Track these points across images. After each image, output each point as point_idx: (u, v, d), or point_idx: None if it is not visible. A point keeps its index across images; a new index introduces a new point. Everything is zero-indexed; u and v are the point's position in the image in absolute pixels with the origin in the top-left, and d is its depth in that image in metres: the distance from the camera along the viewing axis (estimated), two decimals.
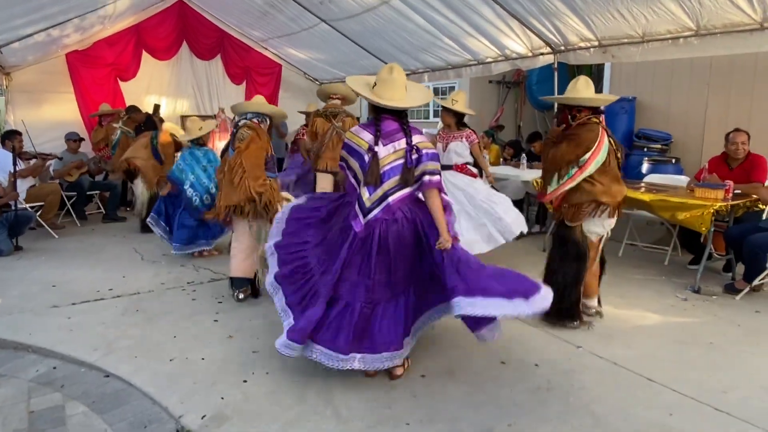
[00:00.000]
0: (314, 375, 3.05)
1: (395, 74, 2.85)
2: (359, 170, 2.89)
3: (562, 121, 3.61)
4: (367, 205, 2.84)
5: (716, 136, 5.78)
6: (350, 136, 2.94)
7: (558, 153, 3.49)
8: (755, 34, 4.38)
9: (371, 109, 2.97)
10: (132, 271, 5.06)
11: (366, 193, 2.84)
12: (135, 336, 3.61)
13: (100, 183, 7.69)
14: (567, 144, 3.45)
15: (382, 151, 2.81)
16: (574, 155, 3.43)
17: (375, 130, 2.83)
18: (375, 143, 2.80)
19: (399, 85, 2.85)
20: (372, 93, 2.86)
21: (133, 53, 8.79)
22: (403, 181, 2.83)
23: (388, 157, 2.82)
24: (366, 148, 2.84)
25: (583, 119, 3.48)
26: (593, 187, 3.48)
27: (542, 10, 5.41)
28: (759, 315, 3.98)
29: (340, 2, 6.84)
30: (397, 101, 2.84)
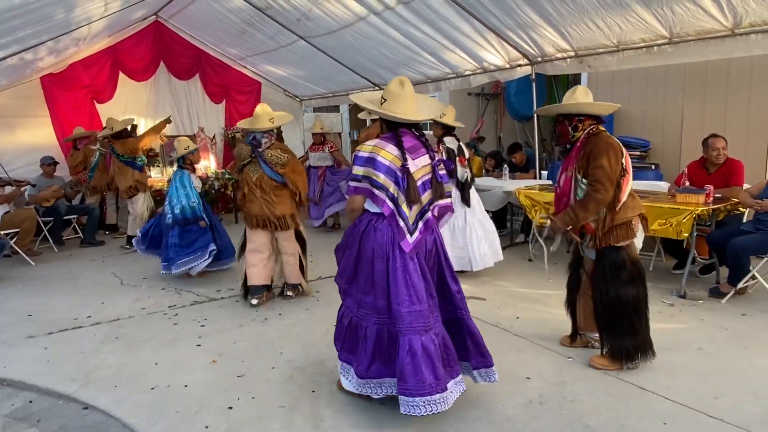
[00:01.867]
0: (301, 399, 2.97)
1: (407, 87, 2.69)
2: (394, 187, 2.63)
3: (561, 132, 3.27)
4: (411, 222, 2.64)
5: (693, 141, 5.87)
6: (377, 150, 2.62)
7: (607, 172, 3.01)
8: (727, 41, 4.46)
9: (386, 125, 2.77)
10: (111, 297, 4.93)
11: (408, 210, 2.64)
12: (114, 365, 3.49)
13: (77, 207, 7.53)
14: (606, 159, 3.01)
15: (411, 166, 2.63)
16: (620, 166, 3.06)
17: (398, 144, 2.64)
18: (404, 159, 2.61)
19: (411, 98, 2.71)
20: (385, 108, 2.68)
21: (110, 75, 8.67)
22: (438, 196, 2.73)
23: (418, 173, 2.66)
24: (399, 165, 2.61)
25: (591, 129, 3.16)
26: (633, 198, 3.18)
27: (518, 23, 5.47)
28: (745, 318, 3.99)
29: (318, 19, 6.84)
30: (413, 114, 2.69)
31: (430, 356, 2.55)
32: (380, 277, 2.63)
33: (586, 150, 3.12)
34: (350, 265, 2.75)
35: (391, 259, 2.61)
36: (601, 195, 3.02)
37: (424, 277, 2.64)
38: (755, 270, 4.18)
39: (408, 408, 2.52)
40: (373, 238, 2.65)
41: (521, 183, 6.27)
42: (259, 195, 4.38)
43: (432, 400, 2.52)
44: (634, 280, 3.12)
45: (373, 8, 6.09)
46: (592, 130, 3.17)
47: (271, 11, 7.13)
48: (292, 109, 10.74)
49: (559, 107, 3.28)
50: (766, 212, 4.21)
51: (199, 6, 7.84)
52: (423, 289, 2.61)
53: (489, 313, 4.22)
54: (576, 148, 3.20)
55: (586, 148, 3.13)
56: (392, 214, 2.62)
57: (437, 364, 2.56)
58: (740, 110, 5.89)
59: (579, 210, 3.11)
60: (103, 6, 6.16)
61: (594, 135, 3.14)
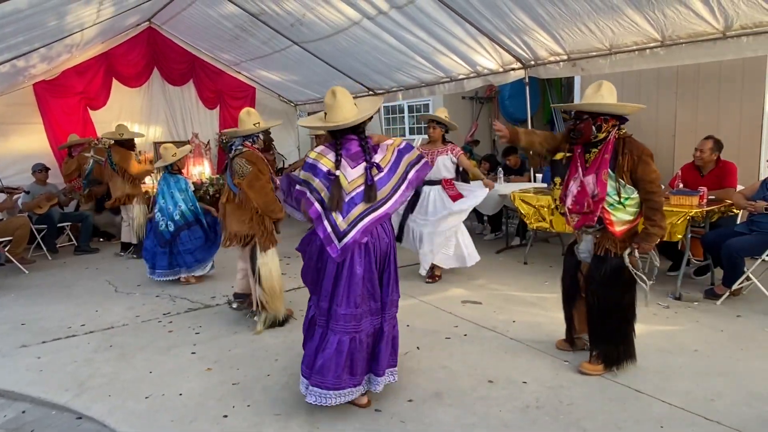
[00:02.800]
0: (297, 406, 2.95)
1: (339, 96, 2.77)
2: (326, 192, 2.73)
3: (584, 131, 3.09)
4: (341, 228, 2.71)
5: (686, 144, 5.89)
6: (319, 158, 2.74)
7: (660, 176, 3.00)
8: (718, 43, 4.48)
9: (332, 136, 2.84)
10: (105, 305, 4.90)
11: (339, 217, 2.73)
12: (108, 373, 3.46)
13: (71, 214, 7.50)
14: (652, 162, 2.98)
15: (351, 173, 2.72)
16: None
17: (336, 152, 2.73)
18: (337, 167, 2.70)
19: (346, 106, 2.78)
20: (324, 121, 2.80)
21: (103, 81, 8.65)
22: (367, 198, 2.72)
23: (354, 182, 2.73)
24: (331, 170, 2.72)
25: (616, 131, 3.06)
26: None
27: (511, 27, 5.49)
28: (741, 319, 4.00)
29: (312, 24, 6.85)
30: (348, 119, 2.75)
31: (353, 357, 2.72)
32: (328, 281, 2.73)
33: (632, 155, 2.99)
34: (310, 270, 2.85)
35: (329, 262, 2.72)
36: (662, 198, 3.03)
37: (370, 280, 2.74)
38: (750, 271, 4.19)
39: (319, 399, 2.72)
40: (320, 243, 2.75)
41: (516, 186, 6.28)
42: (222, 208, 4.19)
43: (343, 393, 2.73)
44: (629, 286, 3.11)
45: (367, 13, 6.10)
46: (620, 132, 3.07)
47: (264, 17, 7.13)
48: (286, 114, 10.76)
49: (591, 106, 3.07)
50: (760, 213, 4.22)
51: (192, 12, 7.83)
52: (362, 293, 2.72)
53: (485, 317, 4.21)
54: (608, 149, 3.05)
55: (630, 151, 3.00)
56: (318, 218, 2.73)
57: (357, 365, 2.74)
58: (733, 112, 5.92)
59: (660, 220, 2.98)
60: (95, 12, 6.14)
61: (629, 138, 3.06)
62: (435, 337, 3.80)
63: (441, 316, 4.28)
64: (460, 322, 4.15)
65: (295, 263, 6.03)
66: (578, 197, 3.17)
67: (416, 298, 4.69)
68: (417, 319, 4.19)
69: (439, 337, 3.82)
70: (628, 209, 3.05)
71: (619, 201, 3.03)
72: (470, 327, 4.04)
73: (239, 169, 3.87)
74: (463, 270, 5.24)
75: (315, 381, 2.71)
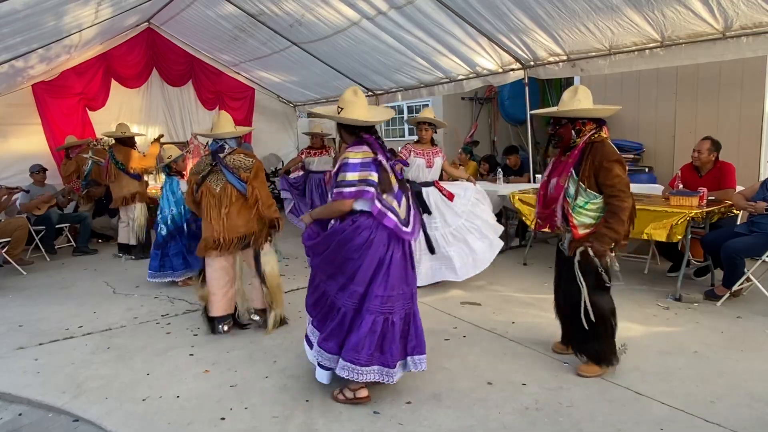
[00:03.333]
0: (295, 408, 2.94)
1: (360, 96, 2.97)
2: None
3: (564, 135, 3.15)
4: (402, 217, 2.91)
5: (686, 144, 5.87)
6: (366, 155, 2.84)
7: (626, 181, 3.00)
8: (718, 44, 4.47)
9: (349, 131, 2.95)
10: (103, 306, 4.88)
11: (396, 206, 2.90)
12: (106, 375, 3.45)
13: (69, 215, 7.48)
14: (621, 167, 3.00)
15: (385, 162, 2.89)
16: (626, 175, 3.04)
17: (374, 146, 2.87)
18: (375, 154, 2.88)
19: (365, 105, 2.98)
20: (344, 115, 2.90)
21: (102, 82, 8.65)
22: (404, 189, 2.96)
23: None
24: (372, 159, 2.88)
25: (594, 135, 3.07)
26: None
27: (510, 27, 5.47)
28: (741, 320, 3.98)
29: (311, 25, 6.84)
30: (370, 117, 2.94)
31: (385, 337, 2.85)
32: (367, 267, 2.83)
33: (594, 159, 3.01)
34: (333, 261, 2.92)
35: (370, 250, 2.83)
36: (627, 203, 2.99)
37: (404, 267, 2.92)
38: (750, 272, 4.18)
39: (352, 374, 2.82)
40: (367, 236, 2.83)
41: (516, 187, 6.27)
42: (223, 212, 3.85)
43: (373, 369, 2.83)
44: (599, 287, 3.13)
45: (366, 13, 6.09)
46: (594, 136, 3.07)
47: (263, 17, 7.12)
48: (285, 115, 10.75)
49: (565, 113, 3.12)
50: (760, 214, 4.21)
51: (191, 12, 7.83)
52: (399, 277, 2.88)
53: (484, 318, 4.19)
54: (574, 155, 3.08)
55: (592, 156, 3.02)
56: (380, 212, 2.82)
57: (387, 345, 2.85)
58: (732, 113, 5.91)
59: (616, 224, 2.99)
60: (93, 13, 6.13)
61: (599, 143, 3.05)
62: (434, 339, 3.78)
63: (440, 318, 4.27)
64: (459, 323, 4.13)
65: (293, 264, 6.02)
66: (543, 201, 3.31)
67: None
68: None
69: (438, 339, 3.80)
70: (590, 213, 3.08)
71: (579, 204, 3.07)
72: (469, 328, 4.03)
73: (241, 163, 3.87)
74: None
75: (349, 357, 2.82)
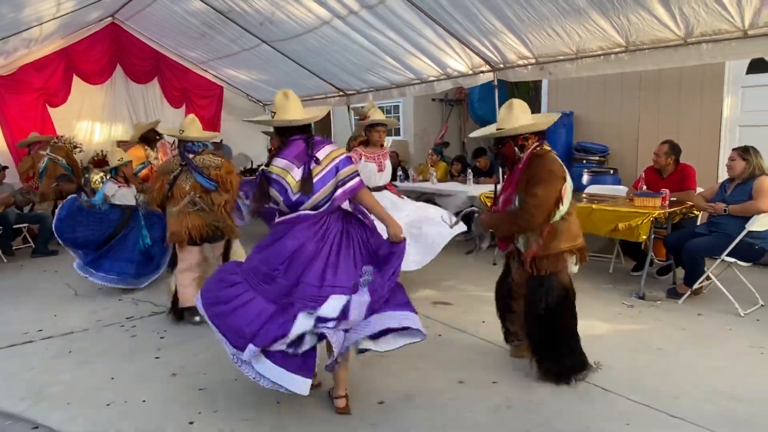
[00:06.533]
0: (266, 411, 2.89)
1: (291, 97, 2.92)
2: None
3: (508, 154, 3.11)
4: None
5: (649, 147, 6.03)
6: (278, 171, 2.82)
7: (539, 201, 2.91)
8: (680, 50, 4.60)
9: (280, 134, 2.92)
10: (64, 309, 4.72)
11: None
12: (67, 381, 3.33)
13: (27, 215, 7.20)
14: (544, 186, 2.92)
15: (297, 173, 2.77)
16: (558, 193, 2.94)
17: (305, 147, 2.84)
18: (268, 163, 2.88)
19: (298, 107, 2.92)
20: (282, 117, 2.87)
21: (63, 77, 8.37)
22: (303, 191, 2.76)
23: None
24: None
25: (535, 149, 3.03)
26: (570, 226, 3.03)
27: (480, 29, 5.52)
28: (701, 318, 4.12)
29: (281, 23, 6.76)
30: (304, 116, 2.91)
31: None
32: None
33: (527, 173, 3.00)
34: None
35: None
36: (525, 223, 2.98)
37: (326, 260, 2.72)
38: (710, 271, 4.32)
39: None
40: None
41: (485, 188, 6.34)
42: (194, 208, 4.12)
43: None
44: (564, 307, 3.08)
45: (337, 12, 6.06)
46: (536, 150, 3.04)
47: (232, 14, 7.01)
48: (255, 114, 10.59)
49: (505, 132, 3.07)
50: (719, 215, 4.36)
51: (157, 8, 7.65)
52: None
53: (455, 318, 4.22)
54: (518, 169, 3.07)
55: (528, 170, 3.00)
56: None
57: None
58: (692, 117, 6.11)
59: (505, 222, 3.10)
60: (55, 6, 5.93)
61: (538, 157, 3.01)
62: None
63: None
64: (430, 323, 4.15)
65: None
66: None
67: None
68: None
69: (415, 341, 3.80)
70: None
71: None
72: (441, 328, 4.05)
73: (211, 162, 4.14)
74: (432, 271, 5.24)
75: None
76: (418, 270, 4.89)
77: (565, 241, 3.01)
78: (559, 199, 2.94)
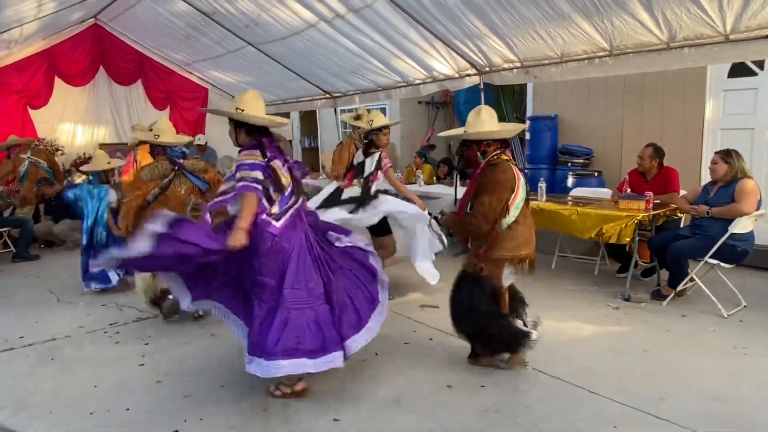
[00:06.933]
0: (252, 418, 2.86)
1: (260, 98, 3.10)
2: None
3: (471, 158, 3.23)
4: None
5: (633, 150, 6.09)
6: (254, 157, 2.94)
7: (484, 210, 3.02)
8: (663, 54, 4.66)
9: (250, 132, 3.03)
10: (46, 315, 4.63)
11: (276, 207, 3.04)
12: (50, 389, 3.27)
13: (8, 219, 7.07)
14: (490, 194, 3.02)
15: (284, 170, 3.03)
16: (503, 203, 3.02)
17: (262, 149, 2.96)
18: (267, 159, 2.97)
19: (264, 108, 3.12)
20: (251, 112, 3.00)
21: (45, 79, 8.27)
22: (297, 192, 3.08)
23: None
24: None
25: (492, 158, 3.12)
26: (515, 235, 3.08)
27: (466, 33, 5.55)
28: (686, 319, 4.16)
29: (267, 25, 6.73)
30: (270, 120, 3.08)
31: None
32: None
33: (479, 180, 3.14)
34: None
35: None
36: (472, 228, 3.12)
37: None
38: (693, 272, 4.37)
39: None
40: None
41: None
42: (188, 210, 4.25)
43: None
44: (489, 309, 3.18)
45: (323, 15, 6.05)
46: (492, 158, 3.12)
47: (217, 16, 6.96)
48: None
49: (469, 135, 3.19)
50: (702, 217, 4.41)
51: (141, 9, 7.58)
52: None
53: (442, 322, 4.20)
54: (476, 175, 3.20)
55: (480, 178, 3.14)
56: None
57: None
58: (676, 120, 6.19)
59: (458, 225, 3.26)
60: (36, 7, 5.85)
61: (492, 165, 3.10)
62: (394, 343, 3.78)
63: (400, 322, 4.26)
64: (418, 326, 4.14)
65: None
66: None
67: None
68: None
69: (397, 343, 3.80)
70: None
71: None
72: (429, 332, 4.05)
73: (198, 166, 4.41)
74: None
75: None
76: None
77: (507, 249, 3.10)
78: (505, 208, 3.04)
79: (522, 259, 3.14)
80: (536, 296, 4.72)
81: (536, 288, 5.00)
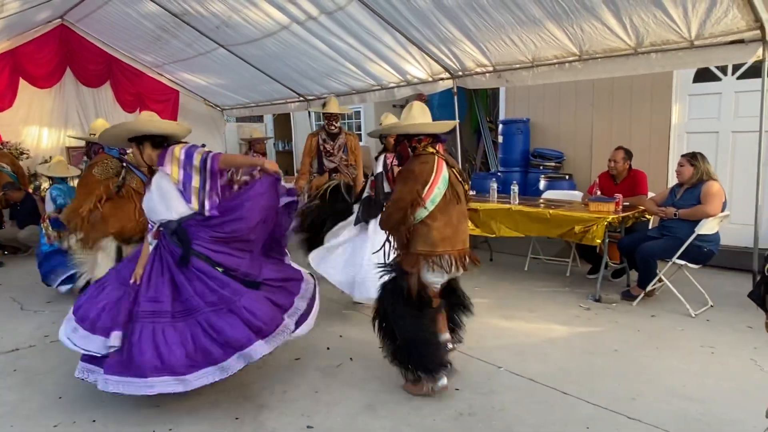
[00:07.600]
0: (224, 427, 2.81)
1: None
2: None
3: (402, 153, 3.18)
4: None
5: (603, 153, 6.21)
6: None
7: (396, 197, 2.98)
8: (630, 59, 4.77)
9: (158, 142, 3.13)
10: (9, 325, 4.47)
11: None
12: (11, 401, 3.15)
13: None
14: (402, 184, 2.97)
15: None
16: (414, 194, 2.90)
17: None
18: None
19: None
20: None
21: (9, 81, 8.01)
22: None
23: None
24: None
25: (419, 150, 3.08)
26: (429, 231, 2.96)
27: (439, 37, 5.58)
28: (655, 319, 4.24)
29: (238, 27, 6.66)
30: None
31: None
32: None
33: (399, 171, 3.19)
34: None
35: None
36: (385, 215, 3.09)
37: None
38: (662, 273, 4.46)
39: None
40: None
41: None
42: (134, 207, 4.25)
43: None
44: (412, 309, 3.02)
45: (296, 17, 6.01)
46: (418, 150, 3.09)
47: (188, 17, 6.86)
48: (213, 119, 10.40)
49: (396, 129, 3.21)
50: (670, 219, 4.51)
51: (109, 10, 7.42)
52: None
53: None
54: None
55: (401, 169, 3.18)
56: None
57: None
58: (643, 123, 6.32)
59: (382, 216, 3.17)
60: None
61: (415, 156, 3.07)
62: (368, 348, 3.75)
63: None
64: None
65: None
66: None
67: (348, 309, 4.63)
68: (350, 330, 4.14)
69: (372, 348, 3.75)
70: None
71: None
72: None
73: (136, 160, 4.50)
74: None
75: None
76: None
77: (423, 245, 2.96)
78: (416, 200, 2.90)
79: (439, 256, 2.97)
80: (509, 297, 4.81)
81: (509, 289, 5.06)
